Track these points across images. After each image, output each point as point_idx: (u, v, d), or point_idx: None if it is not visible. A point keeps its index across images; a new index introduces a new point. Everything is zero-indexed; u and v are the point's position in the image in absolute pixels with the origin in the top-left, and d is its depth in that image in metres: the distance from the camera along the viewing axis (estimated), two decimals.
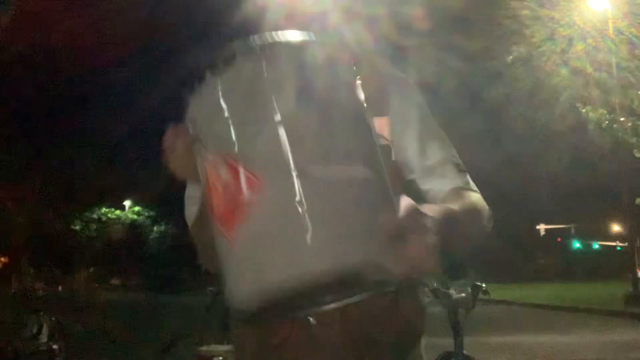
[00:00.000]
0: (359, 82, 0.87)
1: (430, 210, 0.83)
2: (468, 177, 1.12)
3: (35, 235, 29.27)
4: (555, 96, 14.69)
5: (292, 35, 0.82)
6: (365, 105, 0.87)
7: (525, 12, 14.14)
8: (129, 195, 47.16)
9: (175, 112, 0.94)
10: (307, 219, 0.72)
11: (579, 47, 14.20)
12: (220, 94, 0.79)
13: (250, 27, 1.06)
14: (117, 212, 48.17)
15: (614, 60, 13.65)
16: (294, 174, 0.73)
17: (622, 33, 13.64)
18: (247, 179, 0.74)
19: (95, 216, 46.31)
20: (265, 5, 1.06)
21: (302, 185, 0.73)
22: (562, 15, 14.36)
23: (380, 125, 1.06)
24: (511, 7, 14.10)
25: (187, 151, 0.85)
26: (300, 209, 0.72)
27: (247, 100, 0.77)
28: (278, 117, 0.75)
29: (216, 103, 0.79)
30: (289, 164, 0.73)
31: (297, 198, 0.73)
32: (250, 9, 1.07)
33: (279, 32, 0.82)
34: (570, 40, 14.28)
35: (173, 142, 0.93)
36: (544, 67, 14.36)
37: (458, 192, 1.06)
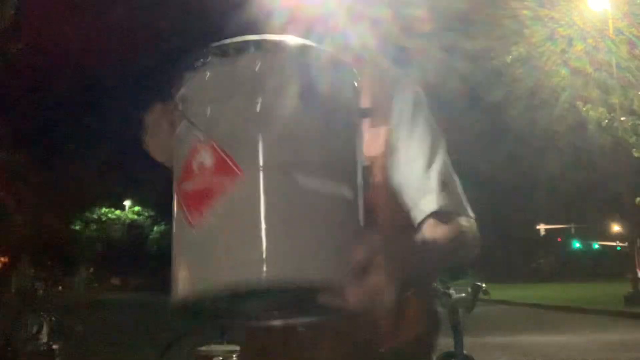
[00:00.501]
0: (358, 90, 0.85)
1: (401, 244, 0.82)
2: (453, 195, 1.06)
3: (35, 235, 29.27)
4: (555, 96, 14.70)
5: (291, 38, 0.81)
6: (361, 119, 0.86)
7: (525, 12, 14.15)
8: (129, 195, 47.22)
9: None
10: (277, 225, 0.71)
11: (579, 47, 14.21)
12: (215, 81, 0.79)
13: (253, 31, 1.06)
14: (117, 212, 48.21)
15: (614, 60, 13.65)
16: (276, 176, 0.72)
17: (622, 33, 13.64)
18: (228, 169, 0.73)
19: (95, 216, 46.35)
20: (269, 8, 1.05)
21: (280, 190, 0.72)
22: (562, 15, 14.36)
23: (382, 132, 1.05)
24: (511, 7, 14.11)
25: (170, 131, 0.82)
26: (271, 213, 0.71)
27: (240, 94, 0.77)
28: (270, 118, 0.75)
29: (210, 89, 0.79)
30: (273, 166, 0.73)
31: (271, 201, 0.71)
32: (254, 12, 1.07)
33: (277, 35, 0.82)
34: (570, 40, 14.29)
35: (158, 120, 0.90)
36: (544, 67, 14.37)
37: (436, 219, 1.01)
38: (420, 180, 1.05)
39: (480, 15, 14.60)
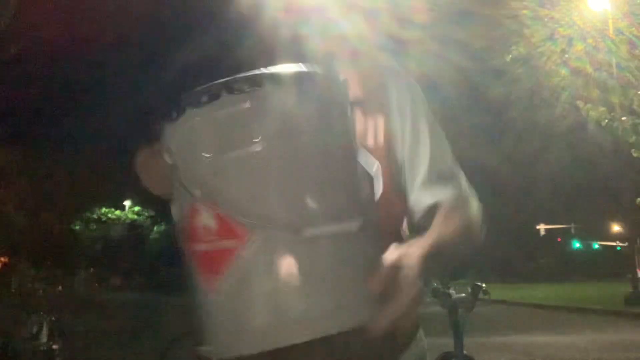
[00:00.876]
0: (352, 116, 0.83)
1: (415, 250, 0.81)
2: (458, 182, 1.08)
3: (35, 235, 29.26)
4: (555, 96, 14.70)
5: (282, 72, 0.75)
6: (356, 143, 0.83)
7: (525, 12, 14.14)
8: (129, 195, 47.19)
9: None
10: (294, 282, 0.69)
11: (579, 47, 14.20)
12: (203, 131, 0.73)
13: (247, 23, 1.05)
14: (117, 212, 48.19)
15: (614, 60, 13.64)
16: (284, 231, 0.69)
17: (622, 33, 13.64)
18: (233, 229, 0.70)
19: (95, 216, 46.32)
20: None
21: (292, 244, 0.69)
22: (562, 15, 14.35)
23: (380, 121, 1.05)
24: (511, 7, 14.10)
25: (162, 172, 0.80)
26: (287, 271, 0.69)
27: (235, 144, 0.71)
28: (271, 167, 0.71)
29: (195, 141, 0.74)
30: (278, 220, 0.69)
31: (286, 258, 0.69)
32: (248, 3, 1.06)
33: (267, 68, 0.76)
34: (570, 40, 14.27)
35: (147, 162, 0.89)
36: (544, 67, 14.36)
37: (446, 207, 1.02)
38: (427, 171, 1.05)
39: (480, 14, 14.59)
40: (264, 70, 0.74)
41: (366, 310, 0.71)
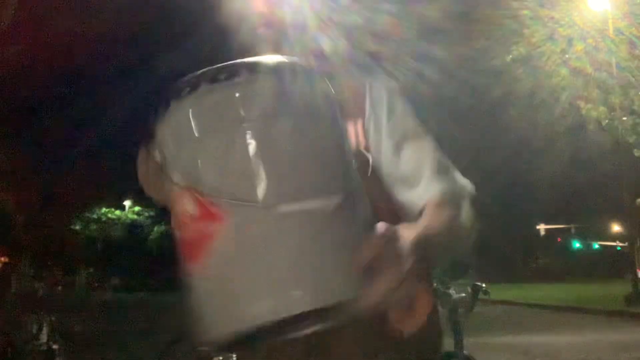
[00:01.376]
0: (336, 100, 0.83)
1: (405, 234, 0.80)
2: (447, 178, 1.06)
3: (35, 235, 29.26)
4: (555, 96, 14.71)
5: (265, 61, 0.77)
6: (343, 126, 0.84)
7: (525, 12, 14.16)
8: (129, 195, 47.21)
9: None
10: (274, 257, 0.70)
11: (579, 47, 14.21)
12: (184, 121, 0.75)
13: (227, 36, 1.06)
14: (117, 212, 48.22)
15: (614, 60, 13.65)
16: (261, 209, 0.70)
17: (622, 33, 13.65)
18: (211, 211, 0.71)
19: (95, 216, 46.35)
20: (242, 13, 1.05)
21: (270, 221, 0.70)
22: (562, 15, 14.37)
23: (357, 129, 1.06)
24: (511, 7, 14.12)
25: (159, 175, 0.81)
26: (267, 247, 0.70)
27: (213, 130, 0.74)
28: (246, 149, 0.72)
29: (181, 131, 0.75)
30: (256, 199, 0.70)
31: (264, 236, 0.70)
32: (228, 17, 1.07)
33: (249, 59, 0.78)
34: (570, 40, 14.29)
35: (144, 166, 0.91)
36: (544, 67, 14.37)
37: (435, 204, 1.01)
38: (412, 167, 1.05)
39: (480, 15, 14.60)
40: (241, 60, 0.76)
41: (351, 284, 0.71)
